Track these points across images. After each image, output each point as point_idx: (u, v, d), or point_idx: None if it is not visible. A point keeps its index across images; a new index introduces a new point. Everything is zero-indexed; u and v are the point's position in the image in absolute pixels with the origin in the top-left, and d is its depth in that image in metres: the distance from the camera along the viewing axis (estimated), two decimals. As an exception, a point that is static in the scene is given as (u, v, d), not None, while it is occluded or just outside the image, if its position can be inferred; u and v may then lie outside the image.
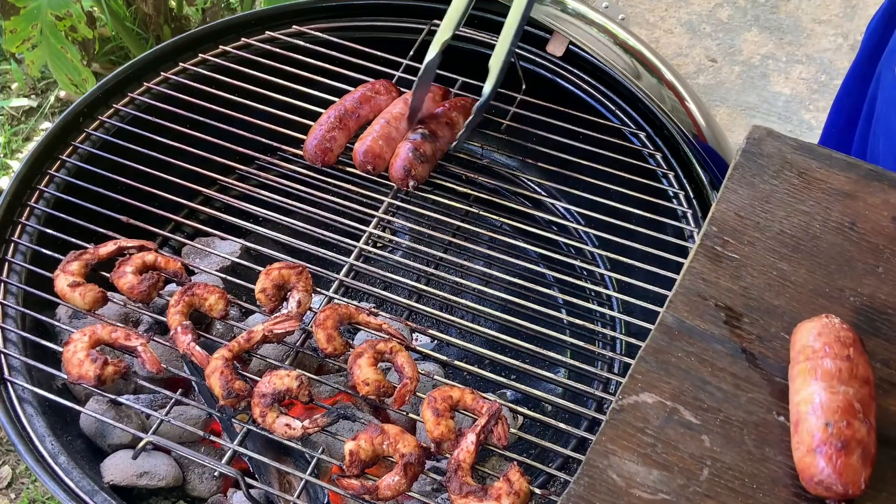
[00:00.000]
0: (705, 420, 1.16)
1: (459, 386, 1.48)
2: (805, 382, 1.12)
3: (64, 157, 1.83)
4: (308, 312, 1.59)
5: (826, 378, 1.11)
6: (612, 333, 1.78)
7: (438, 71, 2.00)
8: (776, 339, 1.23)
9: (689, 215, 1.82)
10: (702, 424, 1.15)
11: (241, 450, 1.46)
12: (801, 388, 1.12)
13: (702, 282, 1.30)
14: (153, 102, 1.92)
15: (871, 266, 1.32)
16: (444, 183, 1.88)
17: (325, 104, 1.91)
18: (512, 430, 1.48)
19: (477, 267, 1.78)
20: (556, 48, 2.10)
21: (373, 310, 1.61)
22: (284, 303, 1.58)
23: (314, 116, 1.89)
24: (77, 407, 1.56)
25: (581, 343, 1.69)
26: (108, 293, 1.60)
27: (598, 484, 1.10)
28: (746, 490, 1.10)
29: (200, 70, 1.99)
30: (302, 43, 2.05)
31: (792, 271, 1.31)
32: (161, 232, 1.78)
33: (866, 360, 1.14)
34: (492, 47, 2.10)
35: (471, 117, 1.83)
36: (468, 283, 1.75)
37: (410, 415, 1.51)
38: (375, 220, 1.78)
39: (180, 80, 1.97)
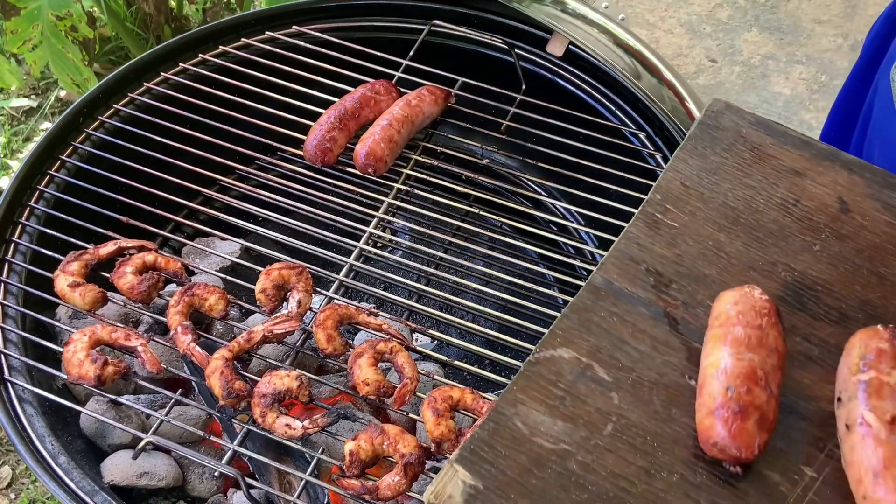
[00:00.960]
0: (617, 378, 1.17)
1: (459, 386, 1.48)
2: (715, 347, 1.14)
3: (64, 157, 1.83)
4: (308, 312, 1.59)
5: (734, 344, 1.13)
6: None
7: (438, 71, 2.01)
8: (701, 306, 1.25)
9: (689, 215, 1.82)
10: (613, 382, 1.17)
11: (241, 450, 1.46)
12: (711, 353, 1.14)
13: (636, 246, 1.32)
14: (153, 102, 1.92)
15: (808, 243, 1.33)
16: (444, 183, 1.88)
17: (325, 104, 1.91)
18: (512, 431, 1.48)
19: (477, 267, 1.78)
20: (556, 48, 2.11)
21: (373, 310, 1.61)
22: (284, 303, 1.58)
23: (314, 116, 1.89)
24: (77, 407, 1.56)
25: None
26: (108, 293, 1.60)
27: (503, 430, 1.12)
28: (647, 447, 1.12)
29: (200, 70, 1.99)
30: (302, 43, 2.05)
31: (728, 243, 1.32)
32: (161, 232, 1.78)
33: (779, 332, 1.15)
34: (493, 47, 2.12)
35: None
36: (468, 284, 1.75)
37: (410, 415, 1.51)
38: (375, 220, 1.78)
39: (180, 80, 1.97)
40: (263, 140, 1.88)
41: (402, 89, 1.96)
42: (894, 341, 1.13)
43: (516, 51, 2.06)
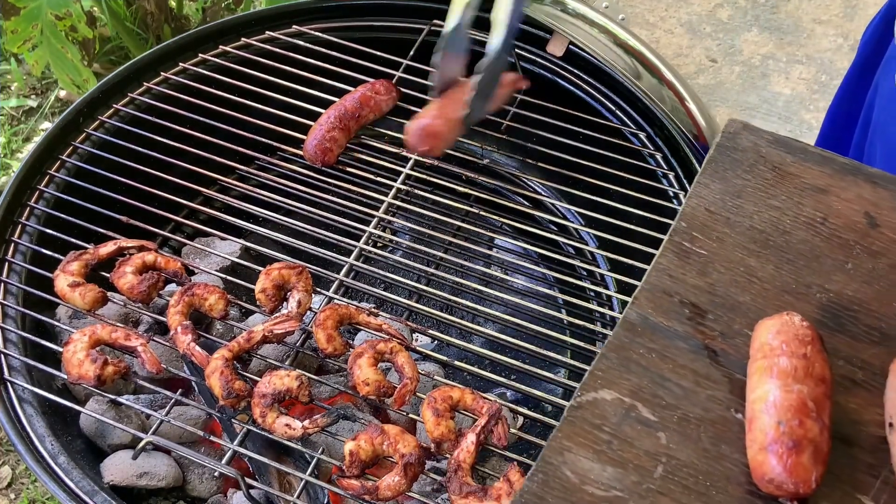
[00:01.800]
0: (663, 417, 1.15)
1: (459, 386, 1.48)
2: (761, 380, 1.12)
3: (64, 158, 1.83)
4: (308, 312, 1.59)
5: (781, 376, 1.10)
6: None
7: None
8: (739, 335, 1.23)
9: (689, 215, 1.81)
10: (659, 421, 1.14)
11: (241, 450, 1.46)
12: (757, 386, 1.12)
13: (668, 278, 1.29)
14: (153, 102, 1.92)
15: (839, 262, 1.30)
16: (444, 183, 1.88)
17: (325, 104, 1.91)
18: (512, 431, 1.48)
19: (477, 267, 1.78)
20: (556, 48, 2.11)
21: (373, 310, 1.61)
22: (284, 303, 1.58)
23: (314, 116, 1.89)
24: (77, 407, 1.56)
25: (581, 343, 1.69)
26: (108, 293, 1.60)
27: (552, 481, 1.10)
28: (700, 487, 1.10)
29: (200, 70, 1.99)
30: (302, 43, 2.05)
31: (759, 267, 1.30)
32: (161, 232, 1.78)
33: (824, 359, 1.13)
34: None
35: (478, 77, 1.57)
36: (468, 284, 1.75)
37: (410, 415, 1.51)
38: (375, 219, 1.78)
39: (180, 80, 1.97)
40: (263, 140, 1.88)
41: (403, 89, 1.96)
42: None
43: (516, 50, 2.06)
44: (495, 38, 1.57)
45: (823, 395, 1.10)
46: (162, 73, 1.98)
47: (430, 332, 1.65)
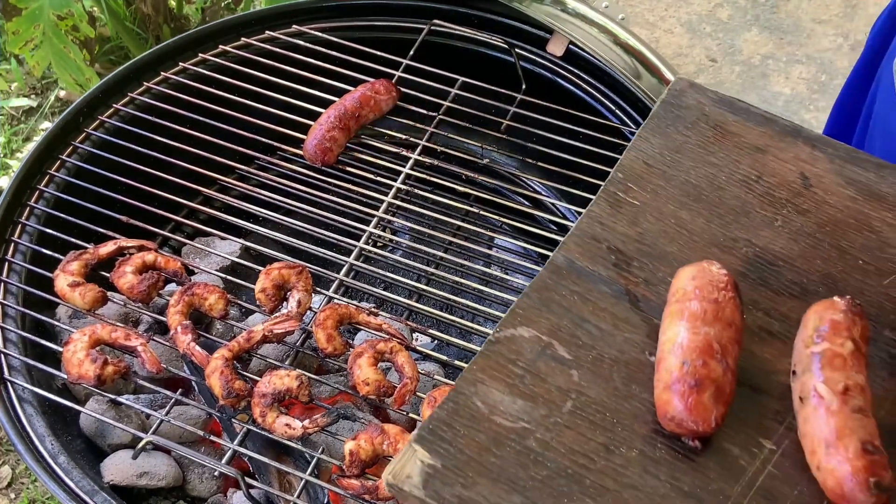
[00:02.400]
0: (578, 356, 1.17)
1: (459, 386, 1.47)
2: (672, 323, 1.14)
3: (64, 157, 1.83)
4: (308, 312, 1.59)
5: (691, 319, 1.13)
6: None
7: (437, 70, 2.01)
8: (662, 283, 1.24)
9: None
10: (574, 360, 1.17)
11: (241, 450, 1.46)
12: (668, 328, 1.15)
13: (598, 225, 1.31)
14: (153, 102, 1.92)
15: (769, 219, 1.33)
16: (444, 183, 1.88)
17: (326, 104, 1.91)
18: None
19: (477, 267, 1.78)
20: (556, 48, 2.11)
21: (373, 310, 1.61)
22: (284, 303, 1.58)
23: (314, 116, 1.89)
24: (77, 407, 1.56)
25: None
26: (108, 293, 1.60)
27: (462, 409, 1.11)
28: (606, 423, 1.12)
29: (200, 70, 1.99)
30: (302, 43, 2.05)
31: (690, 220, 1.32)
32: (161, 232, 1.78)
33: (736, 305, 1.15)
34: (493, 47, 2.12)
35: None
36: (468, 283, 1.75)
37: (410, 415, 1.51)
38: (375, 219, 1.78)
39: (180, 80, 1.97)
40: (264, 140, 1.88)
41: (403, 89, 1.96)
42: (849, 312, 1.13)
43: (516, 50, 2.06)
44: None
45: (731, 339, 1.13)
46: (162, 73, 1.98)
47: (430, 331, 1.65)
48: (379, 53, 2.02)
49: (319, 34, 2.08)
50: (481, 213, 1.87)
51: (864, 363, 1.11)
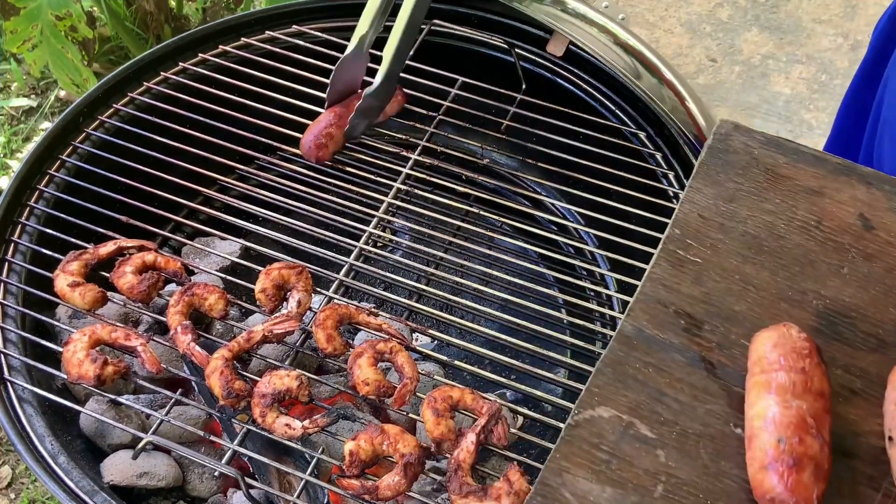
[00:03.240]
0: (661, 434, 1.13)
1: (459, 386, 1.48)
2: (759, 396, 1.10)
3: (64, 157, 1.83)
4: (308, 312, 1.59)
5: (780, 392, 1.08)
6: (613, 333, 1.78)
7: (437, 70, 2.01)
8: (736, 346, 1.20)
9: (689, 215, 1.82)
10: (658, 438, 1.12)
11: (241, 450, 1.46)
12: (756, 402, 1.10)
13: (662, 288, 1.26)
14: (153, 102, 1.92)
15: (835, 267, 1.28)
16: (444, 183, 1.88)
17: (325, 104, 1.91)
18: (512, 431, 1.48)
19: (477, 267, 1.78)
20: (556, 48, 2.11)
21: (373, 310, 1.61)
22: (284, 303, 1.58)
23: (314, 116, 1.89)
24: (77, 407, 1.56)
25: (581, 343, 1.69)
26: (108, 293, 1.60)
27: (551, 503, 1.08)
28: None
29: (200, 70, 1.99)
30: (302, 43, 2.05)
31: (755, 274, 1.27)
32: (161, 232, 1.78)
33: (823, 372, 1.11)
34: (493, 47, 2.12)
35: (360, 102, 1.81)
36: (468, 283, 1.75)
37: (410, 415, 1.51)
38: (375, 219, 1.78)
39: (180, 80, 1.97)
40: (264, 140, 1.88)
41: (406, 90, 1.96)
42: None
43: (516, 50, 2.06)
44: (380, 73, 1.79)
45: (823, 409, 1.08)
46: (162, 73, 1.98)
47: (430, 331, 1.65)
48: (379, 53, 2.02)
49: (319, 34, 2.08)
50: (481, 213, 1.87)
51: None
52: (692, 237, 1.32)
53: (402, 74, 2.01)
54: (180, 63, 2.00)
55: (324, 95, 1.93)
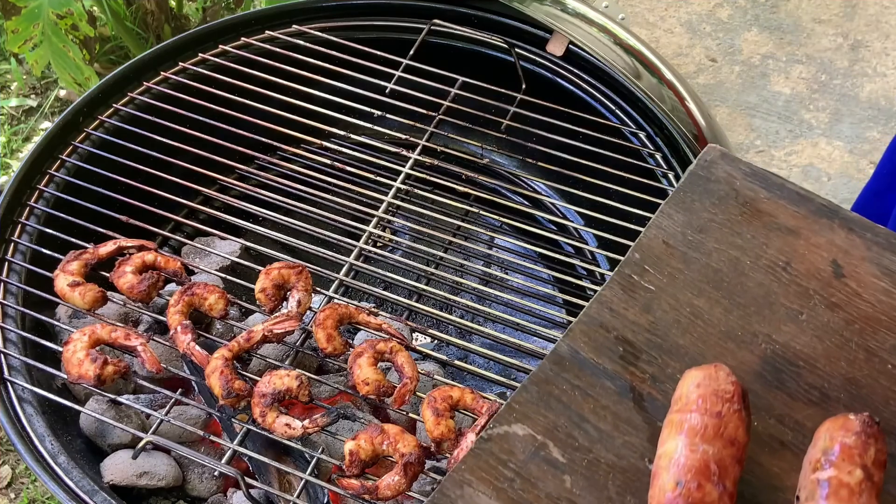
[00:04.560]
0: (573, 459, 1.10)
1: (459, 385, 1.48)
2: (670, 435, 1.06)
3: (64, 157, 1.83)
4: (308, 312, 1.59)
5: (690, 434, 1.04)
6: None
7: (437, 70, 2.01)
8: (670, 380, 1.15)
9: (689, 215, 1.82)
10: (567, 464, 1.09)
11: (241, 450, 1.46)
12: (666, 440, 1.07)
13: (608, 311, 1.22)
14: (153, 102, 1.92)
15: (794, 312, 1.22)
16: (444, 183, 1.88)
17: (326, 104, 1.91)
18: (512, 430, 1.48)
19: (477, 266, 1.78)
20: (556, 48, 2.11)
21: (373, 309, 1.61)
22: (284, 302, 1.58)
23: (314, 116, 1.89)
24: (77, 407, 1.56)
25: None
26: (108, 293, 1.60)
27: None
28: None
29: (200, 70, 1.99)
30: (302, 43, 2.05)
31: (707, 309, 1.22)
32: (161, 232, 1.78)
33: (741, 419, 1.06)
34: (493, 47, 2.11)
35: None
36: (468, 283, 1.75)
37: (410, 414, 1.51)
38: (375, 219, 1.78)
39: (180, 79, 1.97)
40: (264, 139, 1.88)
41: (401, 89, 1.95)
42: (863, 434, 1.03)
43: (516, 50, 2.06)
44: None
45: (732, 457, 1.04)
46: (162, 73, 1.98)
47: (430, 331, 1.65)
48: (379, 53, 2.02)
49: (319, 34, 2.08)
50: (481, 213, 1.87)
51: (876, 494, 1.01)
52: (651, 263, 1.26)
53: (401, 74, 2.01)
54: (180, 63, 2.00)
55: (324, 95, 1.92)
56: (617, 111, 2.02)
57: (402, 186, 1.85)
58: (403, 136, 1.98)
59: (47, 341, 1.59)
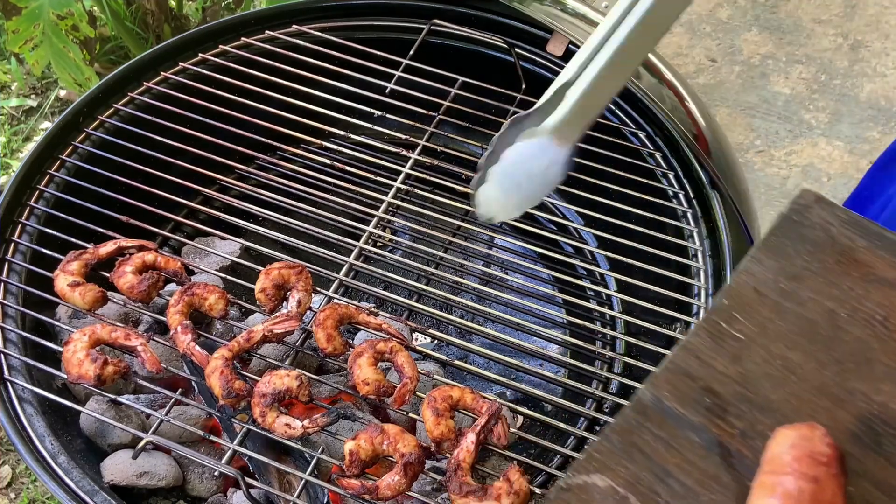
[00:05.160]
0: None
1: (459, 385, 1.48)
2: (760, 498, 1.00)
3: (64, 157, 1.83)
4: (308, 312, 1.59)
5: (784, 499, 0.98)
6: (612, 333, 1.78)
7: (437, 70, 2.01)
8: (761, 437, 1.09)
9: (688, 215, 1.82)
10: None
11: (241, 450, 1.46)
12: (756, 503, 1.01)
13: (695, 360, 1.15)
14: (153, 102, 1.92)
15: (893, 370, 1.15)
16: (444, 183, 1.88)
17: (326, 104, 1.91)
18: (512, 430, 1.48)
19: (477, 266, 1.78)
20: (556, 48, 2.11)
21: (373, 309, 1.61)
22: (284, 302, 1.58)
23: (314, 116, 1.89)
24: (77, 407, 1.56)
25: (581, 343, 1.70)
26: (108, 293, 1.60)
27: None
28: None
29: (200, 70, 1.99)
30: (302, 43, 2.05)
31: (801, 363, 1.15)
32: (161, 232, 1.78)
33: (839, 485, 1.00)
34: (493, 47, 2.11)
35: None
36: (468, 283, 1.75)
37: (410, 414, 1.51)
38: (375, 219, 1.78)
39: (180, 79, 1.97)
40: (264, 139, 1.88)
41: (403, 89, 1.95)
42: None
43: (516, 50, 2.06)
44: (556, 113, 1.28)
45: None
46: (162, 73, 1.98)
47: (430, 331, 1.65)
48: (379, 53, 2.02)
49: (319, 34, 2.08)
50: (481, 212, 1.87)
51: None
52: (741, 311, 1.19)
53: (401, 74, 2.01)
54: (180, 63, 2.00)
55: (324, 95, 1.93)
56: (617, 111, 2.02)
57: (402, 186, 1.85)
58: (403, 136, 1.98)
59: (47, 341, 1.59)
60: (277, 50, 2.02)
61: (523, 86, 2.03)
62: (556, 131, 1.11)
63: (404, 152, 1.91)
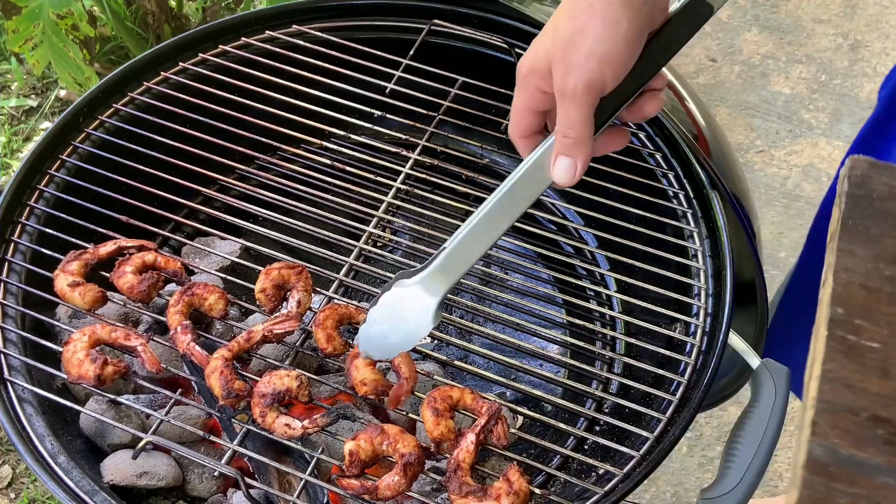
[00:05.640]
0: None
1: (459, 386, 1.48)
2: None
3: (64, 157, 1.83)
4: (308, 312, 1.59)
5: None
6: (612, 333, 1.78)
7: (437, 70, 2.01)
8: None
9: (689, 215, 1.82)
10: None
11: (241, 450, 1.46)
12: None
13: (845, 389, 0.98)
14: (153, 102, 1.92)
15: None
16: (444, 183, 1.88)
17: (326, 104, 1.91)
18: (512, 430, 1.48)
19: (477, 266, 1.78)
20: (556, 48, 2.10)
21: (373, 310, 1.60)
22: (284, 303, 1.58)
23: (314, 116, 1.89)
24: (77, 407, 1.56)
25: (581, 343, 1.70)
26: (108, 293, 1.60)
27: None
28: None
29: (200, 70, 1.99)
30: (302, 43, 2.05)
31: None
32: (161, 232, 1.78)
33: None
34: (493, 47, 2.11)
35: None
36: (468, 283, 1.75)
37: (410, 415, 1.51)
38: (375, 219, 1.78)
39: (180, 79, 1.97)
40: (264, 139, 1.88)
41: (400, 89, 1.95)
42: None
43: (516, 50, 2.06)
44: (421, 273, 1.31)
45: None
46: (162, 73, 1.97)
47: (430, 331, 1.65)
48: (379, 53, 2.02)
49: (319, 34, 2.08)
50: (481, 213, 1.87)
51: None
52: (861, 316, 1.03)
53: (401, 74, 2.01)
54: (180, 63, 2.00)
55: (324, 95, 1.93)
56: (617, 111, 2.02)
57: (402, 186, 1.85)
58: (403, 136, 1.98)
59: (47, 341, 1.59)
60: (277, 50, 2.02)
61: (523, 86, 2.03)
62: (422, 284, 1.29)
63: (404, 152, 1.92)
